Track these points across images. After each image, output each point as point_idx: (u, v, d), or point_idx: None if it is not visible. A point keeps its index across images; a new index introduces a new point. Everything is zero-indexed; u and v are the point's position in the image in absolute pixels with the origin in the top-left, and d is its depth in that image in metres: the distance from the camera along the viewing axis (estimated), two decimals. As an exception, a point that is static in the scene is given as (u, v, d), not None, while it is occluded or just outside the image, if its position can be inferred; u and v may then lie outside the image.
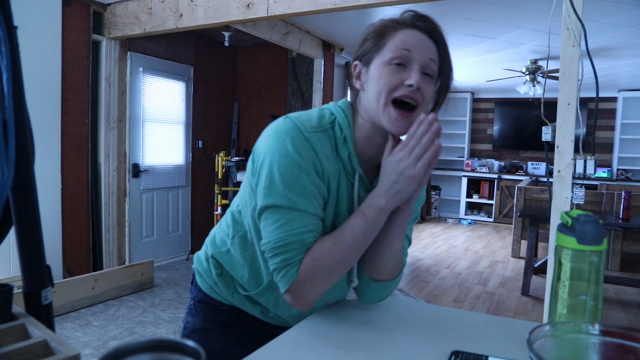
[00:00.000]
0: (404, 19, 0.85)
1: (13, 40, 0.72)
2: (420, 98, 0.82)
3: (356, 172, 0.88)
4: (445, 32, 0.87)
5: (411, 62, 0.82)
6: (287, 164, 0.80)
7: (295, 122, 0.82)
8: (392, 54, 0.82)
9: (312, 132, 0.83)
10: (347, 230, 0.82)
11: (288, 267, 0.80)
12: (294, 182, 0.80)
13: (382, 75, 0.82)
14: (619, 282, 3.91)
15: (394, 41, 0.83)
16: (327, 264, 0.81)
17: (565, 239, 0.70)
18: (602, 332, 0.56)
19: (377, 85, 0.83)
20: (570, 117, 2.10)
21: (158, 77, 4.47)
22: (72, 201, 3.54)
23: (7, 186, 0.67)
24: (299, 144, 0.80)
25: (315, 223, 0.82)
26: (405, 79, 0.81)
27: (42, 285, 0.79)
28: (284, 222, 0.80)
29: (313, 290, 0.82)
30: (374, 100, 0.83)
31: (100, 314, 3.23)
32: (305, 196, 0.80)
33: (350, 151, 0.86)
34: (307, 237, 0.81)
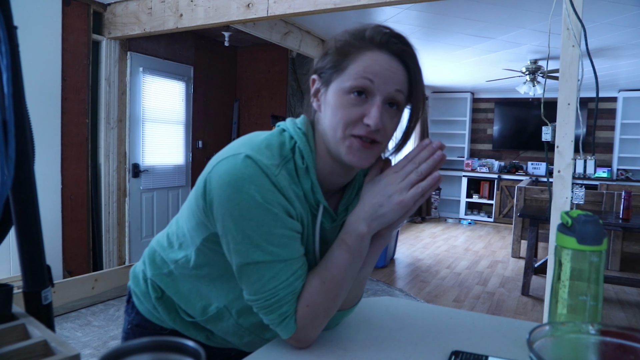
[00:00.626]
0: (372, 37, 0.74)
1: (13, 40, 0.72)
2: (382, 137, 0.74)
3: (320, 205, 0.80)
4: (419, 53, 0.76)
5: (373, 93, 0.72)
6: (259, 218, 0.71)
7: (258, 165, 0.71)
8: (352, 82, 0.72)
9: (277, 173, 0.73)
10: (332, 264, 0.77)
11: (286, 320, 0.76)
12: (271, 233, 0.72)
13: (340, 105, 0.73)
14: (619, 282, 3.91)
15: (357, 66, 0.72)
16: (322, 306, 0.77)
17: (565, 239, 0.70)
18: (602, 332, 0.56)
19: (334, 115, 0.74)
20: (570, 117, 2.10)
21: (158, 77, 4.47)
22: (72, 201, 3.54)
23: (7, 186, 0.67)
24: (266, 191, 0.71)
25: (300, 266, 0.76)
26: (364, 115, 0.72)
27: (42, 285, 0.79)
28: (270, 277, 0.74)
29: (315, 331, 0.79)
30: (331, 131, 0.75)
31: (100, 314, 3.23)
32: (286, 245, 0.74)
33: (313, 182, 0.78)
34: (298, 285, 0.76)
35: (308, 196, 0.79)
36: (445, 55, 5.33)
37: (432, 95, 8.47)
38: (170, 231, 0.92)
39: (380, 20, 4.02)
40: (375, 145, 0.75)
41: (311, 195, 0.79)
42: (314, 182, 0.78)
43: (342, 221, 0.84)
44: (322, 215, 0.81)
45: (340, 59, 0.74)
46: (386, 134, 0.75)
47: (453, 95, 8.34)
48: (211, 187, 0.74)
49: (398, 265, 4.95)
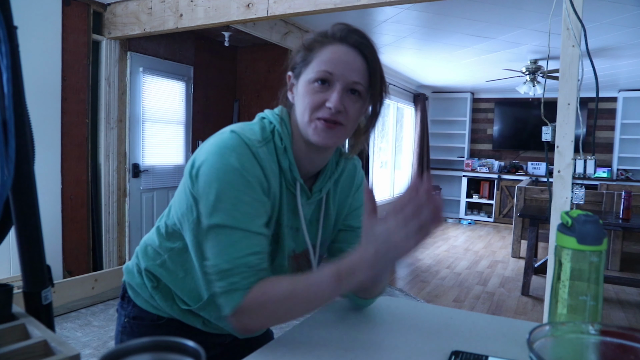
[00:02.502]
0: (333, 33, 0.83)
1: (13, 40, 0.72)
2: (343, 119, 0.82)
3: (297, 182, 0.88)
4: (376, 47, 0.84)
5: (334, 82, 0.81)
6: (234, 182, 0.77)
7: (242, 138, 0.80)
8: (314, 74, 0.82)
9: (259, 147, 0.82)
10: (314, 283, 0.77)
11: (233, 291, 0.77)
12: (240, 199, 0.78)
13: (307, 93, 0.82)
14: (619, 282, 3.91)
15: (319, 58, 0.82)
16: (275, 306, 0.78)
17: (565, 239, 0.70)
18: (602, 332, 0.56)
19: (302, 102, 0.83)
20: (570, 117, 2.10)
21: (158, 77, 4.47)
22: (72, 201, 3.54)
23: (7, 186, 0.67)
24: (246, 160, 0.79)
25: (260, 244, 0.80)
26: (327, 100, 0.81)
27: (42, 285, 0.79)
28: (228, 244, 0.77)
29: (255, 321, 0.80)
30: (300, 116, 0.84)
31: (100, 314, 3.23)
32: (251, 215, 0.78)
33: (290, 161, 0.86)
34: (253, 260, 0.78)
35: (286, 174, 0.87)
36: (445, 55, 5.33)
37: (432, 95, 8.46)
38: (160, 224, 0.95)
39: (380, 20, 4.02)
40: (339, 126, 0.82)
41: (289, 173, 0.87)
42: (292, 161, 0.86)
43: (317, 199, 0.94)
44: (300, 193, 0.89)
45: (307, 54, 0.84)
46: (348, 117, 0.82)
47: (453, 95, 8.34)
48: (197, 159, 0.82)
49: (398, 265, 4.96)
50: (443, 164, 8.52)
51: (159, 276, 0.94)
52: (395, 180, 7.57)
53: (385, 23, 4.11)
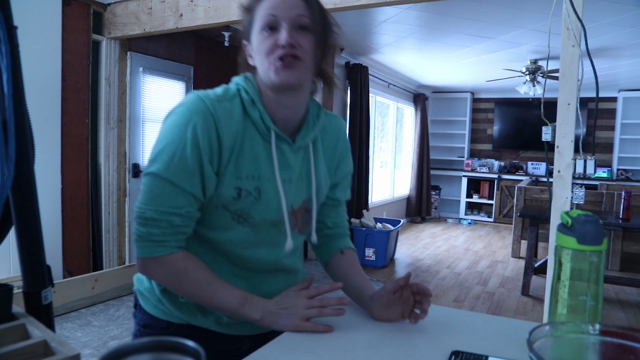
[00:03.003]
0: None
1: (13, 40, 0.72)
2: (300, 52, 0.85)
3: (271, 130, 0.89)
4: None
5: (280, 24, 0.85)
6: (178, 136, 0.81)
7: (199, 95, 0.84)
8: (261, 23, 0.86)
9: (215, 101, 0.84)
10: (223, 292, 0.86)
11: (152, 242, 0.82)
12: (178, 154, 0.81)
13: (259, 44, 0.87)
14: (619, 282, 3.91)
15: (261, 10, 0.87)
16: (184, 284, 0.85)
17: (565, 239, 0.70)
18: (602, 332, 0.56)
19: (258, 53, 0.87)
20: (570, 117, 2.10)
21: (158, 77, 4.47)
22: (72, 201, 3.54)
23: (7, 186, 0.67)
24: (197, 117, 0.82)
25: (187, 205, 0.83)
26: (277, 41, 0.85)
27: (42, 285, 0.79)
28: (157, 194, 0.82)
29: (160, 279, 0.87)
30: (260, 67, 0.88)
31: (100, 314, 3.23)
32: (185, 171, 0.81)
33: (260, 111, 0.89)
34: (175, 220, 0.82)
35: (259, 125, 0.89)
36: (445, 55, 5.33)
37: (432, 95, 8.46)
38: None
39: (380, 20, 4.02)
40: (296, 61, 0.85)
41: (262, 124, 0.89)
42: (262, 111, 0.89)
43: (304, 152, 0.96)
44: (277, 140, 0.90)
45: (250, 13, 0.90)
46: (303, 49, 0.85)
47: (453, 95, 8.34)
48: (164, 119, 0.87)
49: (398, 265, 4.96)
50: (443, 164, 8.52)
51: None
52: (395, 180, 7.57)
53: (385, 23, 4.11)
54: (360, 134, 5.48)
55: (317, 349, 0.80)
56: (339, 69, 5.28)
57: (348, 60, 5.41)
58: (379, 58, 5.71)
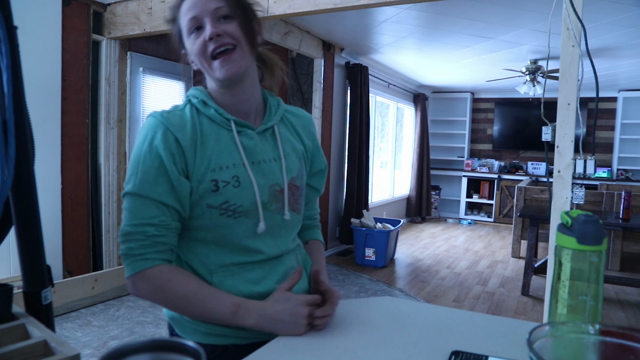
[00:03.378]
0: None
1: (13, 40, 0.72)
2: (229, 39, 0.88)
3: (230, 120, 0.93)
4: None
5: (203, 22, 0.88)
6: (139, 153, 0.86)
7: (150, 114, 0.91)
8: (185, 28, 0.91)
9: (165, 112, 0.91)
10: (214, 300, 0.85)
11: (132, 257, 0.83)
12: (140, 169, 0.85)
13: (192, 46, 0.91)
14: (619, 282, 3.91)
15: (182, 17, 0.91)
16: (171, 297, 0.85)
17: (565, 239, 0.70)
18: (602, 332, 0.56)
19: (196, 56, 0.91)
20: (570, 117, 2.10)
21: (158, 77, 4.47)
22: (72, 201, 3.54)
23: (7, 186, 0.67)
24: (152, 132, 0.87)
25: (160, 214, 0.84)
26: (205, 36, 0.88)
27: (42, 285, 0.79)
28: (130, 210, 0.85)
29: (148, 296, 0.86)
30: (202, 69, 0.93)
31: (100, 314, 3.23)
32: (149, 182, 0.84)
33: (214, 108, 0.93)
34: (150, 230, 0.83)
35: (217, 119, 0.92)
36: (445, 55, 5.33)
37: (432, 95, 8.47)
38: None
39: (380, 20, 4.02)
40: (232, 51, 0.88)
41: (219, 117, 0.93)
42: (216, 108, 0.93)
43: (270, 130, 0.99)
44: (239, 127, 0.94)
45: (175, 25, 0.95)
46: (233, 36, 0.88)
47: (453, 95, 8.34)
48: None
49: (398, 265, 4.96)
50: (443, 164, 8.52)
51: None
52: (395, 180, 7.57)
53: (385, 23, 4.11)
54: (360, 134, 5.48)
55: (317, 349, 0.80)
56: (339, 69, 5.28)
57: (348, 60, 5.41)
58: (379, 58, 5.71)
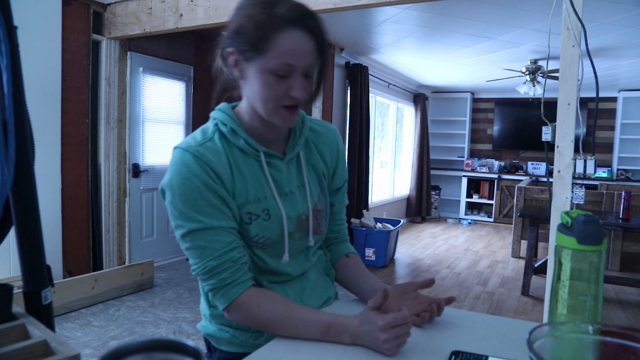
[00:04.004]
0: (286, 16, 0.80)
1: (13, 40, 0.72)
2: (305, 98, 0.85)
3: (259, 152, 0.91)
4: (323, 23, 0.86)
5: (294, 72, 0.82)
6: (186, 191, 0.83)
7: (181, 148, 0.86)
8: (274, 66, 0.81)
9: (198, 146, 0.86)
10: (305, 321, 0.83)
11: (227, 287, 0.84)
12: (198, 204, 0.83)
13: (267, 84, 0.82)
14: (619, 282, 3.91)
15: (277, 49, 0.80)
16: (263, 321, 0.85)
17: (565, 239, 0.70)
18: (602, 332, 0.56)
19: (262, 93, 0.84)
20: (570, 117, 2.10)
21: (158, 77, 4.47)
22: (72, 201, 3.54)
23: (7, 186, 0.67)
24: (191, 166, 0.84)
25: (233, 237, 0.86)
26: (289, 90, 0.83)
27: (42, 285, 0.79)
28: (206, 245, 0.83)
29: (243, 321, 0.87)
30: (261, 105, 0.85)
31: (100, 314, 3.23)
32: (213, 214, 0.84)
33: (245, 138, 0.90)
34: (234, 255, 0.85)
35: (247, 150, 0.90)
36: (445, 55, 5.33)
37: (432, 95, 8.47)
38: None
39: (380, 20, 4.02)
40: (299, 107, 0.87)
41: (249, 148, 0.90)
42: (246, 138, 0.90)
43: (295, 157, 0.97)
44: (267, 158, 0.92)
45: (258, 41, 0.80)
46: (308, 95, 0.87)
47: (453, 95, 8.34)
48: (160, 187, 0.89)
49: (398, 265, 4.95)
50: (443, 164, 8.52)
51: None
52: (395, 180, 7.57)
53: (385, 23, 4.11)
54: (360, 134, 5.48)
55: (317, 349, 0.80)
56: (339, 69, 5.28)
57: (348, 60, 5.40)
58: (379, 58, 5.71)
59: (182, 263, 4.67)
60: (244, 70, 0.85)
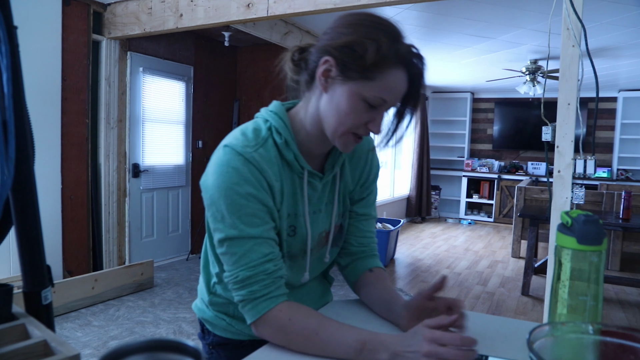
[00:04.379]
0: (404, 57, 0.78)
1: (13, 40, 0.72)
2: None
3: (305, 170, 0.88)
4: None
5: (382, 107, 0.81)
6: (233, 196, 0.79)
7: (234, 149, 0.81)
8: (371, 96, 0.78)
9: (253, 151, 0.81)
10: (337, 338, 0.77)
11: (257, 300, 0.80)
12: (242, 212, 0.80)
13: (353, 109, 0.79)
14: (619, 282, 3.91)
15: (383, 82, 0.77)
16: (294, 337, 0.79)
17: (565, 239, 0.70)
18: (602, 332, 0.56)
19: (344, 115, 0.80)
20: (570, 117, 2.10)
21: (158, 77, 4.47)
22: (72, 201, 3.54)
23: (7, 186, 0.67)
24: (242, 171, 0.79)
25: (272, 249, 0.82)
26: (370, 122, 0.81)
27: (42, 285, 0.79)
28: (242, 254, 0.80)
29: (272, 338, 0.82)
30: (334, 124, 0.81)
31: (100, 314, 3.23)
32: (256, 223, 0.80)
33: (295, 153, 0.86)
34: (269, 267, 0.81)
35: (293, 165, 0.87)
36: (445, 55, 5.33)
37: (432, 95, 8.46)
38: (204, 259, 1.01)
39: (380, 20, 4.02)
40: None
41: (296, 164, 0.87)
42: (296, 153, 0.86)
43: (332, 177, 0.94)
44: (309, 177, 0.89)
45: (370, 68, 0.76)
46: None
47: (453, 95, 8.34)
48: (202, 183, 0.85)
49: (398, 265, 4.96)
50: (443, 164, 8.52)
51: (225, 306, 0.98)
52: (395, 180, 7.57)
53: (385, 23, 4.11)
54: (360, 134, 5.47)
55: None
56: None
57: (348, 60, 5.40)
58: (379, 58, 5.70)
59: (182, 263, 4.67)
60: (332, 84, 0.80)
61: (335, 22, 0.83)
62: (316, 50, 0.82)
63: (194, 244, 5.00)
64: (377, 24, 0.80)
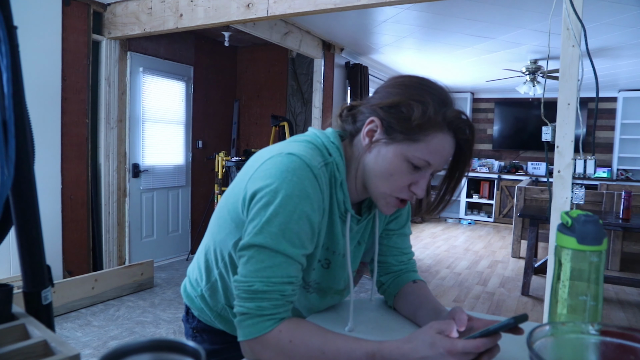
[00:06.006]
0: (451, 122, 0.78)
1: (13, 40, 0.72)
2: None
3: (348, 213, 0.86)
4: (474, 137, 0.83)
5: (426, 169, 0.80)
6: (288, 207, 0.75)
7: (302, 159, 0.76)
8: (415, 159, 0.78)
9: (318, 168, 0.78)
10: (345, 353, 0.72)
11: (261, 317, 0.74)
12: (289, 227, 0.75)
13: (397, 171, 0.79)
14: (619, 282, 3.91)
15: (428, 145, 0.77)
16: (297, 356, 0.74)
17: (565, 239, 0.70)
18: (602, 332, 0.56)
19: (386, 175, 0.80)
20: (570, 117, 2.10)
21: (158, 77, 4.47)
22: (72, 201, 3.54)
23: (7, 186, 0.67)
24: (308, 185, 0.76)
25: (297, 274, 0.78)
26: (413, 185, 0.81)
27: (42, 285, 0.79)
28: (268, 266, 0.75)
29: (269, 358, 0.75)
30: (377, 183, 0.82)
31: (100, 314, 3.23)
32: (296, 244, 0.76)
33: (345, 194, 0.84)
34: (287, 289, 0.76)
35: (339, 205, 0.85)
36: (445, 55, 5.33)
37: (432, 95, 8.46)
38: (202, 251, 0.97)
39: (380, 20, 4.02)
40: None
41: (342, 205, 0.85)
42: (346, 195, 0.84)
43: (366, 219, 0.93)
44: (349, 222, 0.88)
45: (416, 130, 0.77)
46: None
47: (453, 95, 8.33)
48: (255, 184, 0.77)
49: None
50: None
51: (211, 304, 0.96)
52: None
53: (385, 23, 4.11)
54: (360, 134, 5.47)
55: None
56: (339, 69, 5.28)
57: (348, 60, 5.40)
58: (379, 58, 5.71)
59: (182, 263, 4.67)
60: (377, 144, 0.81)
61: (387, 82, 0.84)
62: (364, 108, 0.83)
63: (194, 244, 5.00)
64: (426, 87, 0.80)
